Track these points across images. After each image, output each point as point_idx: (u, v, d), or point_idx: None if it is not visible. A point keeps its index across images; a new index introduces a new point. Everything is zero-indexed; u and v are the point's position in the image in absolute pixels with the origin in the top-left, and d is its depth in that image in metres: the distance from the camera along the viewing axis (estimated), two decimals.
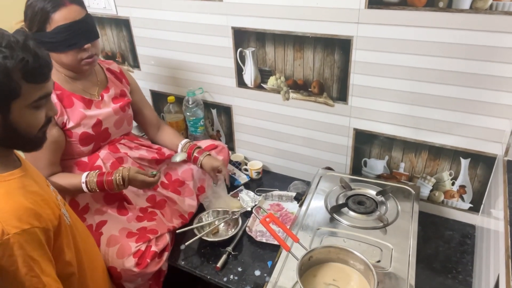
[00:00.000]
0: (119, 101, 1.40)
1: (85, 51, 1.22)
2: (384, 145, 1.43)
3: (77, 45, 1.20)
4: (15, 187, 0.84)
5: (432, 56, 1.20)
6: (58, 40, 1.17)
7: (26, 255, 0.80)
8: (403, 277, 1.04)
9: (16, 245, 0.78)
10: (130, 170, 1.26)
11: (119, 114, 1.40)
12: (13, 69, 0.78)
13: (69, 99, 1.27)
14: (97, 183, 1.24)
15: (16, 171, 0.87)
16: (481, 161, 1.29)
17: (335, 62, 1.36)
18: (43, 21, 1.16)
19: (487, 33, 1.10)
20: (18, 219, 0.79)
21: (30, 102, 0.83)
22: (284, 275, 1.08)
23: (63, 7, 1.16)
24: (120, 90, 1.43)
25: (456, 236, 1.36)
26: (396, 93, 1.31)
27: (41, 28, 1.17)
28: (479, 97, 1.19)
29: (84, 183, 1.24)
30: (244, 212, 1.47)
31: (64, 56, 1.21)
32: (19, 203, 0.82)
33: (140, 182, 1.27)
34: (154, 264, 1.23)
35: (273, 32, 1.42)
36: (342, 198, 1.33)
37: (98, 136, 1.34)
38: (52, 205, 0.90)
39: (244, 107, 1.67)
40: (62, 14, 1.16)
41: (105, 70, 1.43)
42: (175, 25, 1.63)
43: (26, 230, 0.80)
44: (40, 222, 0.83)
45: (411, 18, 1.17)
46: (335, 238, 1.18)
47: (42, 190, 0.91)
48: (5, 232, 0.77)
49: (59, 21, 1.15)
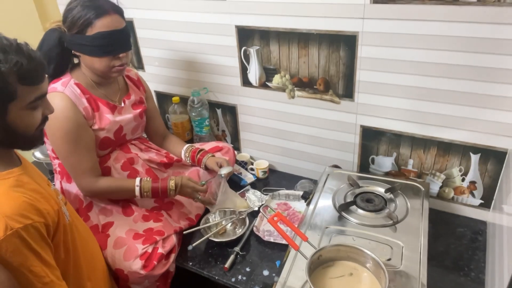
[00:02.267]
0: (138, 107, 1.43)
1: (118, 59, 1.25)
2: (391, 141, 1.42)
3: (114, 52, 1.23)
4: (14, 184, 0.86)
5: (439, 50, 1.18)
6: (96, 45, 1.19)
7: (29, 248, 0.82)
8: (414, 276, 1.02)
9: (20, 239, 0.81)
10: (182, 178, 1.34)
11: (137, 120, 1.42)
12: (8, 72, 0.80)
13: (96, 103, 1.30)
14: (152, 189, 1.30)
15: (15, 170, 0.90)
16: (492, 156, 1.27)
17: (341, 58, 1.35)
18: (85, 25, 1.18)
19: (496, 26, 1.08)
20: (20, 214, 0.82)
21: (26, 103, 0.85)
22: (293, 274, 1.06)
23: (107, 15, 1.19)
24: (139, 97, 1.45)
25: (467, 233, 1.34)
26: (403, 88, 1.29)
27: (81, 31, 1.19)
28: (488, 91, 1.17)
29: (138, 186, 1.29)
30: (251, 212, 1.46)
31: (97, 61, 1.23)
32: (20, 200, 0.84)
33: (191, 188, 1.34)
34: (161, 266, 1.22)
35: (277, 30, 1.41)
36: (350, 196, 1.32)
37: (117, 141, 1.37)
38: (51, 202, 0.92)
39: (249, 106, 1.66)
40: (105, 21, 1.19)
41: (125, 76, 1.45)
42: (179, 25, 1.62)
43: (28, 225, 0.82)
44: (41, 217, 0.86)
45: (418, 12, 1.15)
46: (344, 237, 1.17)
47: (41, 188, 0.93)
48: (9, 227, 0.79)
49: (101, 28, 1.18)
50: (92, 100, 1.29)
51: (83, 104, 1.25)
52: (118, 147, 1.39)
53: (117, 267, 1.20)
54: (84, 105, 1.25)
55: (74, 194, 1.34)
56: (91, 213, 1.33)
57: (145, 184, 1.30)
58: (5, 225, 0.79)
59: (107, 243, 1.25)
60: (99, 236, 1.27)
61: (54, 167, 1.38)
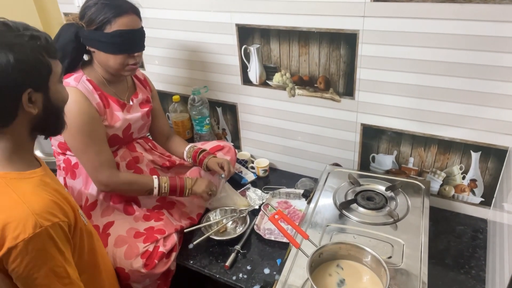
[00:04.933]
0: (145, 106, 1.44)
1: (133, 58, 1.27)
2: (392, 140, 1.42)
3: (130, 51, 1.25)
4: (39, 184, 0.87)
5: (440, 48, 1.18)
6: (114, 42, 1.21)
7: (55, 246, 0.83)
8: (415, 273, 1.02)
9: (48, 237, 0.81)
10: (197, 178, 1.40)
11: (144, 119, 1.43)
12: (41, 47, 0.82)
13: (107, 100, 1.30)
14: (170, 186, 1.33)
15: (38, 170, 0.90)
16: (492, 154, 1.27)
17: (341, 57, 1.35)
18: (105, 22, 1.20)
19: (496, 23, 1.08)
20: (48, 212, 0.82)
21: (58, 76, 0.88)
22: (294, 272, 1.06)
23: (126, 14, 1.22)
24: (146, 96, 1.46)
25: (468, 231, 1.34)
26: (404, 86, 1.29)
27: (100, 28, 1.21)
28: (488, 88, 1.17)
29: (156, 182, 1.32)
30: (252, 210, 1.47)
31: (112, 59, 1.24)
32: (47, 198, 0.85)
33: (208, 182, 1.39)
34: (162, 264, 1.23)
35: (277, 28, 1.41)
36: (351, 194, 1.32)
37: (124, 139, 1.37)
38: (71, 204, 0.93)
39: (250, 104, 1.66)
40: (125, 20, 1.21)
41: (133, 76, 1.45)
42: (179, 24, 1.62)
43: (56, 223, 0.83)
44: (65, 217, 0.86)
45: (418, 10, 1.15)
46: (344, 235, 1.17)
47: (61, 189, 0.94)
48: (38, 225, 0.79)
49: (120, 26, 1.21)
50: (104, 97, 1.29)
51: (96, 99, 1.26)
52: (124, 145, 1.39)
53: (118, 266, 1.20)
54: (97, 101, 1.26)
55: (78, 191, 1.34)
56: (94, 212, 1.33)
57: (163, 182, 1.32)
58: (35, 222, 0.79)
59: (108, 242, 1.25)
60: (100, 235, 1.26)
61: (58, 163, 1.38)
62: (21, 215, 0.79)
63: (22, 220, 0.79)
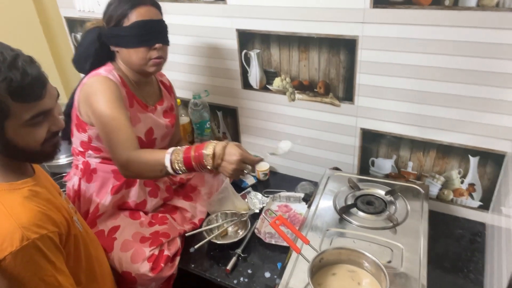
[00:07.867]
0: (169, 115, 1.43)
1: (155, 51, 1.23)
2: (391, 144, 1.43)
3: (149, 42, 1.21)
4: (29, 195, 0.86)
5: (438, 54, 1.19)
6: (132, 35, 1.19)
7: (44, 257, 0.82)
8: (415, 277, 1.03)
9: (35, 249, 0.81)
10: (228, 143, 1.07)
11: (168, 128, 1.42)
12: (5, 89, 0.76)
13: (131, 100, 1.29)
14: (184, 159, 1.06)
15: (29, 180, 0.89)
16: (490, 159, 1.28)
17: (341, 62, 1.36)
18: (122, 16, 1.19)
19: (495, 30, 1.09)
20: (36, 225, 0.82)
21: (23, 121, 0.81)
22: (294, 277, 1.07)
23: (143, 5, 1.20)
24: (170, 104, 1.45)
25: (466, 235, 1.36)
26: (403, 92, 1.30)
27: (118, 23, 1.20)
28: (487, 94, 1.19)
29: (169, 154, 1.07)
30: (253, 214, 1.47)
31: (134, 53, 1.22)
32: (35, 210, 0.84)
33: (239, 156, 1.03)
34: (168, 268, 1.24)
35: (277, 34, 1.42)
36: (350, 199, 1.33)
37: (147, 143, 1.35)
38: (63, 212, 0.92)
39: (250, 108, 1.67)
40: (141, 11, 1.19)
41: (159, 81, 1.44)
42: (180, 29, 1.63)
43: (44, 235, 0.82)
44: (55, 227, 0.86)
45: (417, 16, 1.16)
46: (344, 239, 1.18)
47: (54, 197, 0.93)
48: (25, 238, 0.79)
49: (138, 17, 1.18)
50: (130, 95, 1.28)
51: (123, 93, 1.24)
52: None
53: (124, 270, 1.21)
54: (124, 95, 1.25)
55: (90, 195, 1.32)
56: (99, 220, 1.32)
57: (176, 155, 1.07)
58: (21, 235, 0.79)
59: (113, 246, 1.25)
60: (105, 239, 1.27)
61: (76, 162, 1.35)
62: (8, 228, 0.79)
63: (9, 234, 0.78)
